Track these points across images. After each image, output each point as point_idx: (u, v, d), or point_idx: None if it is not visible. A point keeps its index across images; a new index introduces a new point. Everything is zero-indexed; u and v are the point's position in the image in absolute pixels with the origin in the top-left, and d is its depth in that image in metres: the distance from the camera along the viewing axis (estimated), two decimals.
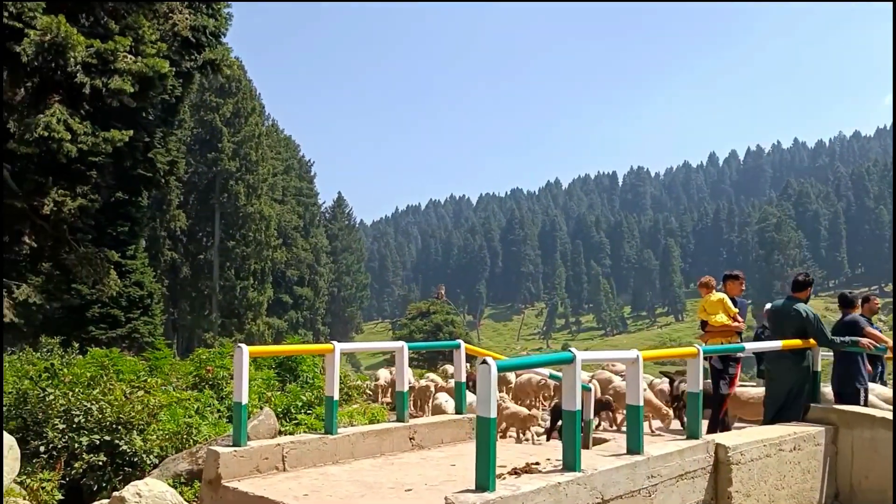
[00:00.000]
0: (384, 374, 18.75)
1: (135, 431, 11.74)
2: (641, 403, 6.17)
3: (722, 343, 10.74)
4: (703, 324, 11.40)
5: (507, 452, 8.46)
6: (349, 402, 16.91)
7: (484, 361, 4.78)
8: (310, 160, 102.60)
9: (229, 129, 67.06)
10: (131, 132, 10.03)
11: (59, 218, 11.56)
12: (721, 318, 10.93)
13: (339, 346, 8.44)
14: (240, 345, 7.53)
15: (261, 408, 14.77)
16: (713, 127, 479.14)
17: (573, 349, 5.48)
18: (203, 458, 11.56)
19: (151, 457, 11.60)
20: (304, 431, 10.85)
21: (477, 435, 4.98)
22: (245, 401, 7.51)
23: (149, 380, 13.72)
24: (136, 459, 11.47)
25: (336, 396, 8.45)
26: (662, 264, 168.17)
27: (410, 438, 8.97)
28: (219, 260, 65.89)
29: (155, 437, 11.96)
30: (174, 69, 10.60)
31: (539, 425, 13.82)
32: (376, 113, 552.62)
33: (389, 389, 18.18)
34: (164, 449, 11.96)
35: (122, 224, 34.92)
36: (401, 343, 9.54)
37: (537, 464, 6.76)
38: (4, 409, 13.16)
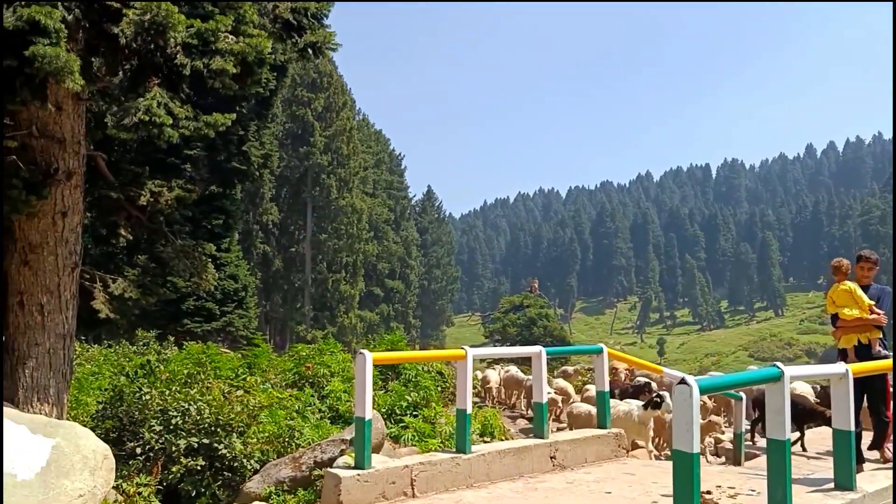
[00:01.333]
0: (493, 376, 17.59)
1: (234, 434, 11.04)
2: (852, 428, 4.93)
3: (859, 339, 9.07)
4: (834, 318, 9.63)
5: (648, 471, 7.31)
6: (453, 404, 15.98)
7: (683, 381, 3.65)
8: (400, 153, 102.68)
9: (321, 123, 67.26)
10: (233, 116, 9.22)
11: (156, 209, 10.95)
12: (852, 312, 9.20)
13: (472, 353, 7.39)
14: (362, 351, 6.58)
15: None
16: (810, 118, 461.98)
17: (779, 364, 4.31)
18: (307, 465, 10.82)
19: (252, 461, 10.87)
20: (432, 448, 9.81)
21: (675, 474, 3.84)
22: (369, 416, 6.54)
23: (248, 378, 13.07)
24: (235, 464, 10.77)
25: (469, 409, 7.35)
26: (760, 258, 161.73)
27: (551, 457, 7.85)
28: (311, 253, 66.24)
29: (255, 440, 11.25)
30: (272, 56, 9.72)
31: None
32: (465, 107, 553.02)
33: (501, 392, 17.02)
34: (264, 453, 11.23)
35: (217, 217, 34.98)
36: (538, 348, 8.41)
37: (709, 493, 5.60)
38: (100, 406, 12.75)
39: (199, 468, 10.62)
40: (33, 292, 10.00)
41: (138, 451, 10.96)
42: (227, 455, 10.74)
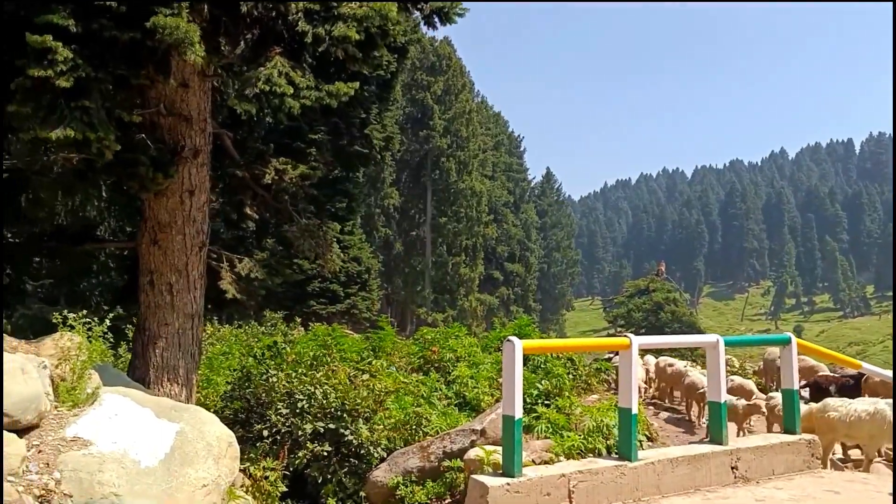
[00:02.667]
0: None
1: (360, 420, 10.68)
2: None
3: None
4: None
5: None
6: (587, 392, 15.16)
7: None
8: (519, 135, 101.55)
9: (440, 106, 67.06)
10: (356, 85, 8.75)
11: (281, 187, 10.67)
12: None
13: (637, 341, 6.47)
14: (510, 338, 5.80)
15: (497, 401, 13.40)
16: None
17: None
18: (435, 455, 10.34)
19: (378, 449, 10.49)
20: (574, 443, 9.03)
21: None
22: (519, 413, 5.69)
23: (373, 362, 12.73)
24: (362, 451, 10.40)
25: (636, 408, 6.39)
26: None
27: (732, 468, 6.78)
28: (431, 236, 66.36)
29: (381, 426, 10.85)
30: (397, 28, 9.18)
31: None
32: (585, 88, 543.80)
33: (655, 383, 15.86)
34: (391, 440, 10.83)
35: (341, 200, 35.15)
36: (714, 337, 7.35)
37: None
38: (229, 387, 12.71)
39: (325, 454, 10.32)
40: (163, 271, 9.91)
41: (265, 433, 10.77)
42: (354, 441, 10.39)
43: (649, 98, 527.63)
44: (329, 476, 10.31)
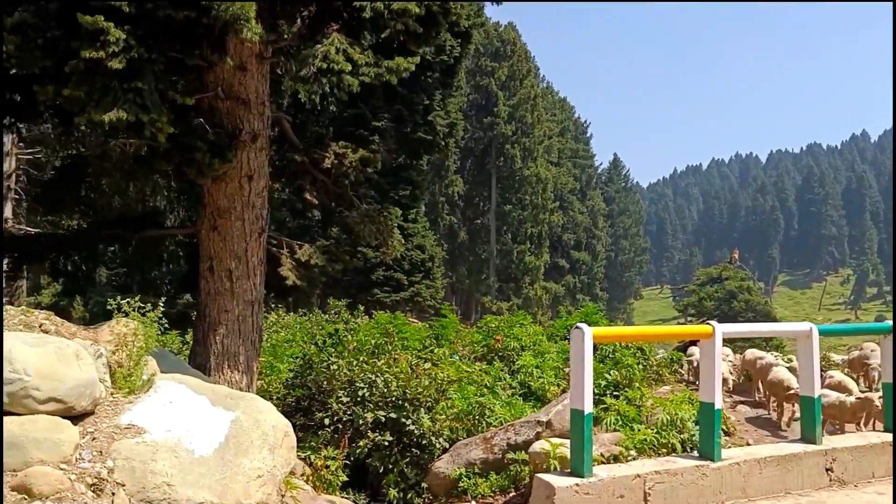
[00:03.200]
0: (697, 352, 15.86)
1: (422, 409, 10.43)
2: None
3: None
4: None
5: None
6: (658, 383, 14.63)
7: None
8: (585, 121, 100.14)
9: (504, 92, 66.46)
10: (417, 59, 8.47)
11: (340, 172, 10.45)
12: None
13: (721, 329, 5.95)
14: (579, 325, 5.27)
15: (563, 391, 13.02)
16: None
17: None
18: (499, 447, 10.03)
19: (440, 440, 10.23)
20: (646, 438, 8.56)
21: None
22: (589, 408, 5.19)
23: (436, 350, 12.48)
24: (423, 441, 10.15)
25: (719, 403, 5.87)
26: None
27: (827, 469, 6.24)
28: (495, 224, 65.91)
29: (443, 416, 10.59)
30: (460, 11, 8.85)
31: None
32: (653, 72, 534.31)
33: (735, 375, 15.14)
34: (453, 431, 10.56)
35: (404, 188, 35.14)
36: (807, 325, 6.75)
37: None
38: (291, 375, 12.62)
39: (386, 444, 10.12)
40: (222, 258, 9.82)
41: (326, 421, 10.62)
42: (415, 431, 10.15)
43: (721, 81, 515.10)
44: (390, 466, 10.10)
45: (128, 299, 6.96)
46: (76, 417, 5.70)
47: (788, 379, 11.01)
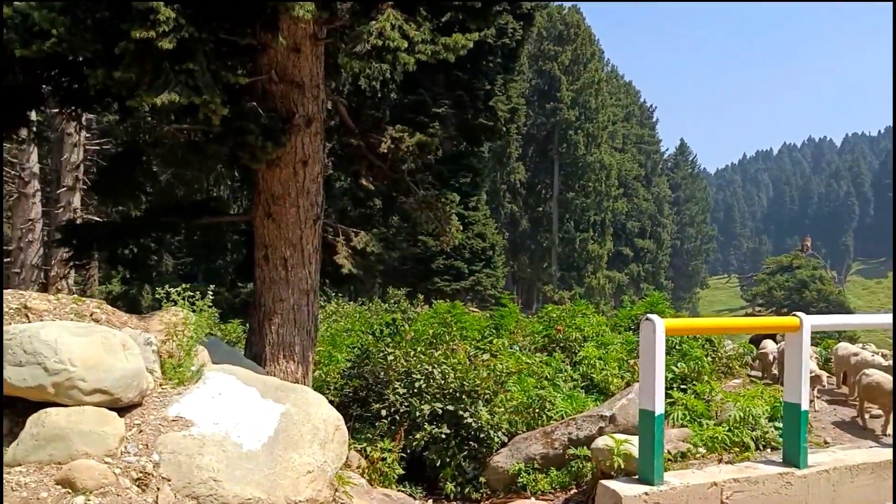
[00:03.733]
0: (771, 346, 15.13)
1: (480, 402, 10.13)
2: None
3: None
4: None
5: None
6: (727, 377, 14.07)
7: None
8: (651, 105, 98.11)
9: (568, 77, 65.38)
10: (475, 36, 8.11)
11: (397, 157, 10.15)
12: None
13: (810, 322, 5.45)
14: (650, 316, 4.76)
15: (627, 384, 12.57)
16: None
17: None
18: (560, 442, 9.66)
19: (499, 433, 9.93)
20: (716, 435, 8.09)
21: None
22: (660, 408, 4.72)
23: (494, 341, 12.16)
24: (481, 435, 9.86)
25: (806, 405, 5.37)
26: None
27: None
28: (558, 212, 65.07)
29: (502, 409, 10.28)
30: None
31: None
32: (722, 53, 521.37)
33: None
34: (512, 424, 10.24)
35: (465, 175, 34.77)
36: None
37: None
38: (349, 365, 12.45)
39: (443, 436, 9.85)
40: (277, 245, 9.65)
41: (383, 412, 10.42)
42: (473, 424, 9.85)
43: (795, 62, 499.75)
44: (447, 459, 9.84)
45: (177, 288, 6.80)
46: (123, 409, 5.55)
47: (887, 382, 10.26)
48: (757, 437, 8.96)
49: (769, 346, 14.96)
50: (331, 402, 11.98)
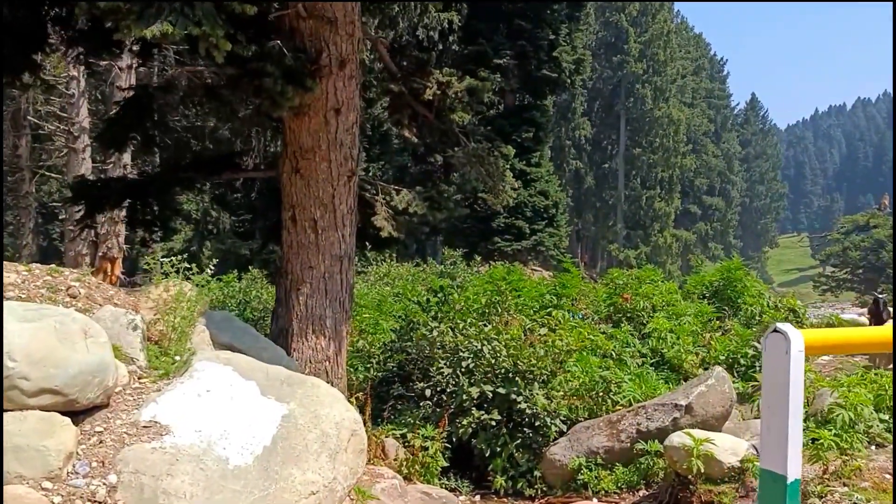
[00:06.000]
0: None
1: (536, 384, 8.87)
2: None
3: None
4: None
5: None
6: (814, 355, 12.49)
7: None
8: (722, 58, 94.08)
9: (635, 28, 62.61)
10: None
11: (445, 104, 8.81)
12: None
13: None
14: (780, 327, 2.92)
15: (703, 361, 11.14)
16: None
17: None
18: (627, 434, 8.36)
19: (557, 420, 8.66)
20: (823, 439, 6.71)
21: None
22: (795, 472, 2.99)
23: (553, 312, 10.84)
24: (537, 422, 8.62)
25: None
26: None
27: None
28: (624, 168, 62.82)
29: (561, 392, 9.00)
30: None
31: None
32: (794, 5, 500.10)
33: None
34: (572, 410, 8.96)
35: (527, 130, 33.12)
36: None
37: None
38: (393, 337, 11.33)
39: (493, 423, 8.65)
40: (305, 205, 8.47)
41: (428, 392, 9.28)
42: (528, 410, 8.62)
43: (870, 12, 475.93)
44: (498, 449, 8.66)
45: (172, 258, 5.67)
46: (81, 413, 4.47)
47: None
48: (871, 438, 7.55)
49: (862, 320, 13.30)
50: (372, 378, 10.97)
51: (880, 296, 12.67)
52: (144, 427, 4.51)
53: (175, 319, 5.50)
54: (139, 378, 5.06)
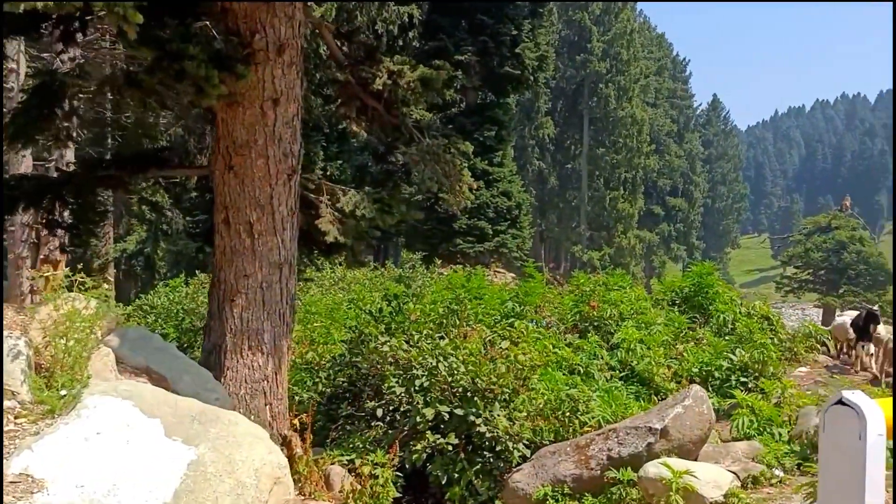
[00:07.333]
0: (882, 332, 12.41)
1: (497, 403, 8.09)
2: None
3: None
4: None
5: None
6: (792, 364, 11.90)
7: None
8: (684, 59, 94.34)
9: (599, 27, 62.30)
10: None
11: (396, 96, 7.99)
12: None
13: None
14: (847, 397, 2.04)
15: (675, 374, 10.45)
16: None
17: None
18: (597, 461, 7.60)
19: (521, 445, 7.88)
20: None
21: None
22: None
23: (516, 323, 10.05)
24: (498, 447, 7.85)
25: None
26: None
27: None
28: (587, 169, 62.36)
29: (524, 412, 8.23)
30: None
31: None
32: (754, 8, 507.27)
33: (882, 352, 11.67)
34: (537, 432, 8.18)
35: (489, 129, 32.43)
36: None
37: None
38: (343, 350, 10.50)
39: (450, 448, 7.85)
40: (240, 207, 7.60)
41: (379, 412, 8.46)
42: (488, 433, 7.83)
43: (828, 17, 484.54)
44: (456, 476, 7.85)
45: (58, 272, 4.78)
46: None
47: None
48: None
49: (845, 319, 12.66)
50: (320, 395, 10.11)
51: (875, 310, 12.03)
52: (12, 483, 3.64)
53: (67, 343, 4.62)
54: (16, 417, 4.18)
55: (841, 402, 2.26)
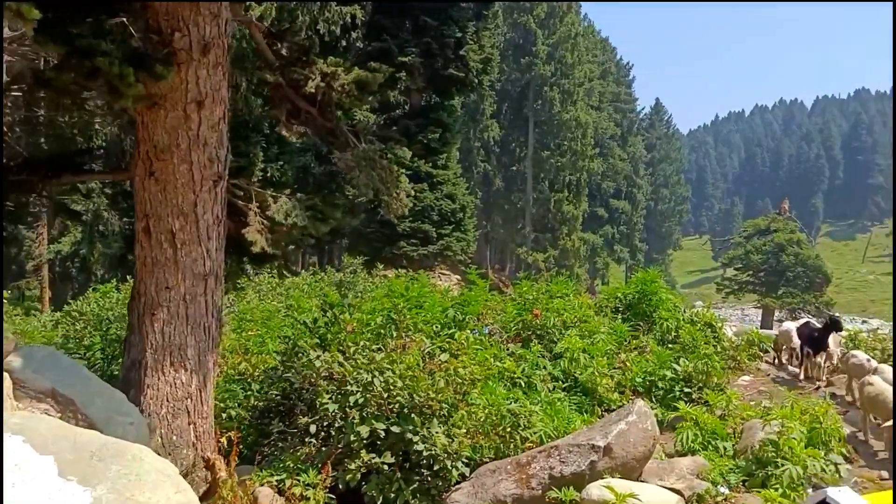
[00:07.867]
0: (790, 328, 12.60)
1: (435, 420, 7.78)
2: None
3: None
4: None
5: None
6: (734, 372, 11.83)
7: None
8: (628, 63, 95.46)
9: (543, 31, 62.46)
10: None
11: (330, 99, 7.62)
12: None
13: None
14: (833, 495, 2.05)
15: (619, 384, 10.27)
16: None
17: None
18: (539, 480, 7.35)
19: (459, 463, 7.58)
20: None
21: None
22: None
23: (457, 335, 9.75)
24: (436, 465, 7.53)
25: None
26: None
27: None
28: (532, 171, 62.50)
29: (464, 429, 7.93)
30: None
31: None
32: (695, 10, 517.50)
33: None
34: (476, 449, 7.89)
35: (434, 131, 32.12)
36: None
37: None
38: (276, 363, 10.08)
39: (386, 466, 7.52)
40: (161, 215, 7.15)
41: (313, 429, 8.07)
42: (425, 451, 7.51)
43: (766, 24, 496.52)
44: (392, 496, 7.52)
45: None
46: None
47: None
48: (799, 474, 6.75)
49: (790, 326, 12.61)
50: (252, 409, 9.67)
51: (836, 316, 11.99)
52: None
53: None
54: None
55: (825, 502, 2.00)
